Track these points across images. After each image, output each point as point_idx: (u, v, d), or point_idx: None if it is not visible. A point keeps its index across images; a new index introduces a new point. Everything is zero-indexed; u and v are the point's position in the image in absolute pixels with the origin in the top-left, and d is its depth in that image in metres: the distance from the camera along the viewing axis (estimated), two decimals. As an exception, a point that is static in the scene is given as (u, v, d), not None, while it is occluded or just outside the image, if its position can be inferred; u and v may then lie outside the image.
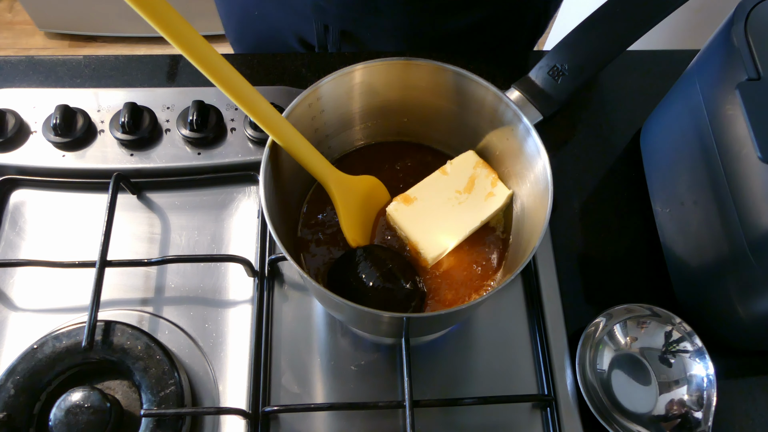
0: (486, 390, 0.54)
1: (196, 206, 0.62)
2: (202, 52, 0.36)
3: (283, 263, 0.58)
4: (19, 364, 0.50)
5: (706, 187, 0.51)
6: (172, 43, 0.35)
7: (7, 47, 1.91)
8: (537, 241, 0.41)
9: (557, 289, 0.57)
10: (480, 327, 0.57)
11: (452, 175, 0.51)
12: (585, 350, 0.54)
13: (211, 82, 0.38)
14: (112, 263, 0.55)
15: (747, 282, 0.47)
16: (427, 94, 0.50)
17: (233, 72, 0.39)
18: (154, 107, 0.62)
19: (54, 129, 0.60)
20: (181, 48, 0.36)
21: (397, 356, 0.55)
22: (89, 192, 0.61)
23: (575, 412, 0.52)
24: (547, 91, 0.46)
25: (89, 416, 0.47)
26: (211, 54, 0.37)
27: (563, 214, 0.63)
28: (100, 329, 0.52)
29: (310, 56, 0.71)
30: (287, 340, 0.55)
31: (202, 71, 0.38)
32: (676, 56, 0.71)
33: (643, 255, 0.61)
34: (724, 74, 0.49)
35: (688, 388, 0.52)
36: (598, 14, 0.47)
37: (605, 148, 0.67)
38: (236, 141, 0.62)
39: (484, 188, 0.51)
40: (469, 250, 0.51)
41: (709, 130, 0.50)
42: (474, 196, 0.51)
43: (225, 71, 0.38)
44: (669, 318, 0.54)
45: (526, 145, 0.46)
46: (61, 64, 0.69)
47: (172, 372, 0.51)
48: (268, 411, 0.51)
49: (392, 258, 0.49)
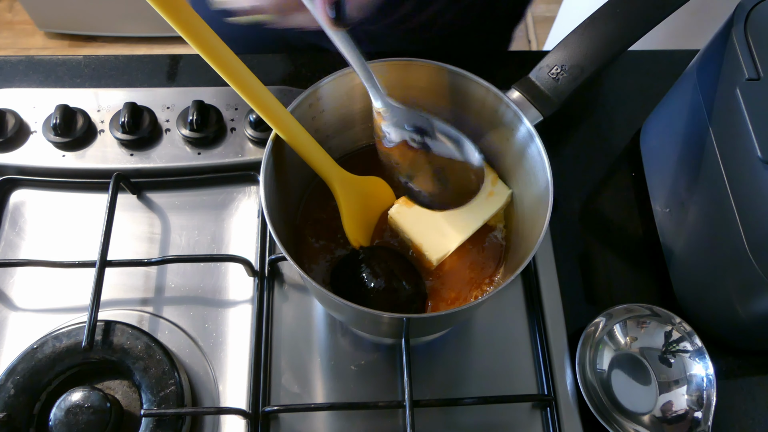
0: (486, 390, 0.54)
1: (196, 206, 0.62)
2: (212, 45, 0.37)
3: (283, 263, 0.58)
4: (19, 364, 0.50)
5: (706, 187, 0.51)
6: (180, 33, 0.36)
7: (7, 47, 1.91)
8: (537, 241, 0.41)
9: (557, 289, 0.57)
10: (480, 327, 0.57)
11: (452, 175, 0.51)
12: (585, 350, 0.54)
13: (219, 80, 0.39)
14: (112, 263, 0.55)
15: (747, 282, 0.47)
16: (427, 94, 0.50)
17: (242, 66, 0.39)
18: (154, 107, 0.62)
19: (54, 129, 0.60)
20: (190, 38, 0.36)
21: (397, 356, 0.55)
22: (89, 192, 0.61)
23: (575, 412, 0.52)
24: (547, 91, 0.46)
25: (89, 416, 0.47)
26: (221, 47, 0.38)
27: (563, 214, 0.63)
28: (100, 329, 0.52)
29: (310, 56, 0.71)
30: (287, 340, 0.55)
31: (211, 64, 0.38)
32: (676, 56, 0.71)
33: (643, 255, 0.61)
34: (724, 74, 0.49)
35: (687, 388, 0.52)
36: (598, 14, 0.47)
37: (605, 148, 0.67)
38: (236, 141, 0.62)
39: (485, 188, 0.51)
40: (470, 250, 0.51)
41: (709, 130, 0.50)
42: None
43: (234, 66, 0.39)
44: (669, 318, 0.54)
45: (526, 146, 0.46)
46: (61, 64, 0.69)
47: (172, 372, 0.51)
48: (268, 411, 0.51)
49: (395, 259, 0.49)
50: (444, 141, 0.46)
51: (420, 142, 0.46)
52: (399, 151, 0.47)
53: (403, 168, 0.48)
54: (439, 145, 0.46)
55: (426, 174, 0.48)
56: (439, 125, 0.46)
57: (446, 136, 0.46)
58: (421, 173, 0.48)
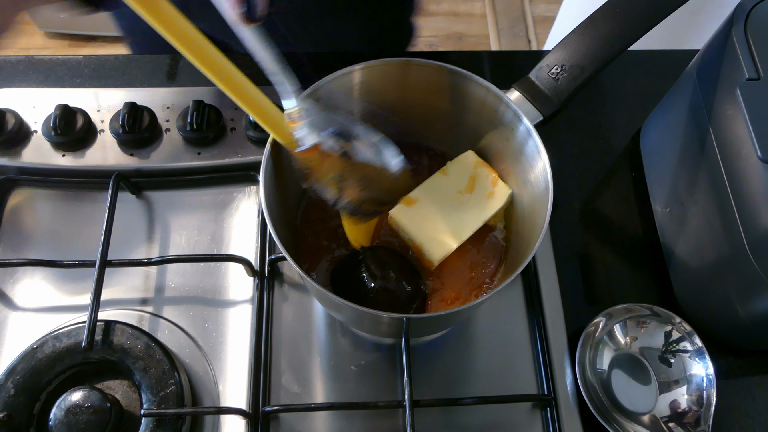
0: (486, 390, 0.54)
1: (196, 206, 0.61)
2: (201, 49, 0.36)
3: (283, 263, 0.58)
4: (19, 364, 0.50)
5: (706, 187, 0.51)
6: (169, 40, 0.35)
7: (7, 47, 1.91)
8: (537, 241, 0.41)
9: (557, 289, 0.57)
10: (480, 327, 0.57)
11: (452, 175, 0.51)
12: (585, 350, 0.54)
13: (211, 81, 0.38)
14: (112, 263, 0.55)
15: (747, 282, 0.47)
16: (427, 94, 0.50)
17: (234, 70, 0.39)
18: (154, 107, 0.62)
19: (54, 129, 0.59)
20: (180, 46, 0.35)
21: (397, 356, 0.55)
22: (89, 192, 0.61)
23: (575, 412, 0.52)
24: (547, 91, 0.46)
25: (89, 416, 0.47)
26: (211, 51, 0.36)
27: (563, 214, 0.63)
28: (100, 329, 0.52)
29: (311, 56, 0.71)
30: (287, 340, 0.55)
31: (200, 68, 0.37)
32: (676, 56, 0.71)
33: (643, 255, 0.61)
34: (724, 74, 0.49)
35: (687, 388, 0.52)
36: (598, 14, 0.47)
37: (605, 148, 0.67)
38: (236, 141, 0.62)
39: (485, 188, 0.51)
40: (470, 250, 0.51)
41: (709, 130, 0.50)
42: (475, 196, 0.51)
43: (226, 69, 0.38)
44: (669, 318, 0.54)
45: (526, 146, 0.46)
46: (61, 64, 0.69)
47: (172, 372, 0.51)
48: (268, 411, 0.51)
49: (395, 259, 0.49)
50: (362, 145, 0.43)
51: (336, 145, 0.43)
52: (314, 155, 0.43)
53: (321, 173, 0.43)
54: (357, 150, 0.43)
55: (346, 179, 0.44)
56: (356, 128, 0.43)
57: (364, 140, 0.43)
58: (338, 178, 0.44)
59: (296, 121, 0.42)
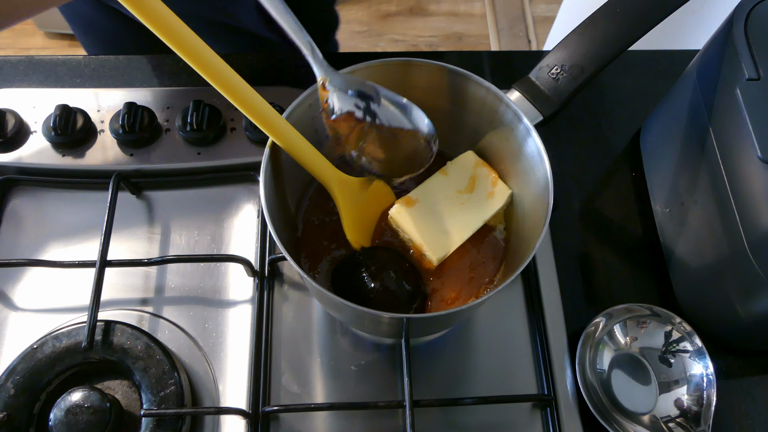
0: (486, 390, 0.54)
1: (196, 206, 0.62)
2: (199, 52, 0.36)
3: (283, 263, 0.58)
4: (19, 364, 0.50)
5: (706, 187, 0.51)
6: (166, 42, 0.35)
7: (7, 47, 1.91)
8: (537, 241, 0.41)
9: (557, 289, 0.57)
10: (480, 327, 0.57)
11: (452, 175, 0.51)
12: (585, 350, 0.54)
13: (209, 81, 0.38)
14: (112, 263, 0.55)
15: (747, 282, 0.47)
16: (427, 94, 0.50)
17: (230, 72, 0.39)
18: (154, 107, 0.62)
19: (54, 129, 0.60)
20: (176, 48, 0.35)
21: (397, 356, 0.55)
22: (89, 192, 0.61)
23: (575, 412, 0.52)
24: (547, 91, 0.46)
25: (89, 416, 0.47)
26: (208, 54, 0.37)
27: (563, 214, 0.63)
28: (100, 329, 0.52)
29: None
30: (287, 340, 0.55)
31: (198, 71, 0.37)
32: (676, 56, 0.71)
33: (643, 255, 0.61)
34: (724, 74, 0.49)
35: (687, 388, 0.52)
36: (598, 14, 0.47)
37: (605, 148, 0.67)
38: (236, 141, 0.62)
39: (485, 188, 0.51)
40: (470, 250, 0.51)
41: (709, 130, 0.50)
42: (475, 196, 0.51)
43: (223, 71, 0.38)
44: (669, 318, 0.54)
45: (526, 146, 0.46)
46: (61, 64, 0.69)
47: (172, 372, 0.51)
48: (268, 411, 0.51)
49: (395, 259, 0.49)
50: (390, 107, 0.46)
51: (366, 108, 0.45)
52: (346, 123, 0.45)
53: (351, 141, 0.46)
54: (386, 113, 0.46)
55: (374, 144, 0.47)
56: (384, 91, 0.45)
57: (392, 103, 0.46)
58: (370, 144, 0.47)
59: (327, 89, 0.44)
